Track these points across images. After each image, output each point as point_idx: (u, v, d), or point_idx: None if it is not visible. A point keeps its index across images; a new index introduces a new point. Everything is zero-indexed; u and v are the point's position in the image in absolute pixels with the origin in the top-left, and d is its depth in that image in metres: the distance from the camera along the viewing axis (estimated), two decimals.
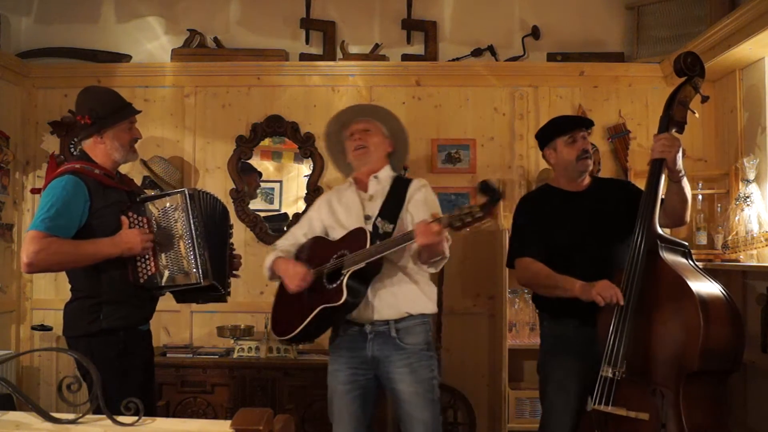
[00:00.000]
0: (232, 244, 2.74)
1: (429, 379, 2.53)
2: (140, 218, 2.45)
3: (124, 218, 2.43)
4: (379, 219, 2.54)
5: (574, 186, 2.75)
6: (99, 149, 2.51)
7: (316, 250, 2.63)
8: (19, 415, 1.64)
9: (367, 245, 2.41)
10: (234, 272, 2.73)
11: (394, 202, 2.59)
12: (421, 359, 2.52)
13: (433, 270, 2.55)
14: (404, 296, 2.53)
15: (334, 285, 2.44)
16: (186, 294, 2.61)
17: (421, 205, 2.57)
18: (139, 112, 2.64)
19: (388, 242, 2.38)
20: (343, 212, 2.67)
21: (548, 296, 2.65)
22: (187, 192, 2.47)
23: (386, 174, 2.69)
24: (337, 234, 2.63)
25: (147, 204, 2.49)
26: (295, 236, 2.75)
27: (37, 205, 4.06)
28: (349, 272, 2.40)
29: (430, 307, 2.60)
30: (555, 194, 2.77)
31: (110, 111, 2.51)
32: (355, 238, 2.49)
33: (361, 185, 2.70)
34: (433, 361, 2.57)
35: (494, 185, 2.10)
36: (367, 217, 2.59)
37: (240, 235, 3.98)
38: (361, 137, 2.67)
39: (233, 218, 3.56)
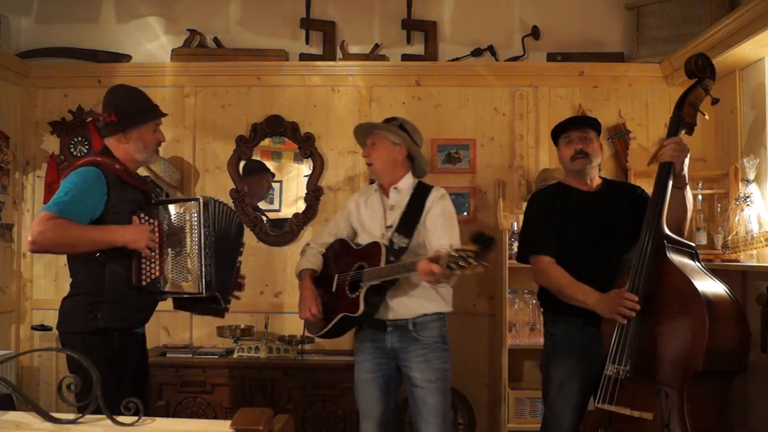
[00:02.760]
0: (240, 262, 2.74)
1: (442, 369, 2.73)
2: (151, 220, 2.45)
3: (135, 218, 2.43)
4: (395, 234, 2.73)
5: (585, 185, 2.78)
6: (122, 148, 2.51)
7: (340, 255, 2.89)
8: (19, 415, 1.65)
9: (382, 262, 2.62)
10: (236, 293, 2.72)
11: (411, 215, 2.76)
12: (436, 350, 2.73)
13: (441, 288, 2.71)
14: (420, 298, 2.73)
15: (354, 296, 2.69)
16: (185, 302, 2.61)
17: (437, 219, 2.73)
18: (165, 114, 2.64)
19: (394, 269, 2.58)
20: (368, 217, 2.88)
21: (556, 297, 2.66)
22: (201, 200, 2.46)
23: (406, 183, 2.85)
24: (362, 238, 2.87)
25: (160, 207, 2.49)
26: (328, 236, 2.99)
27: (37, 205, 4.09)
28: (366, 287, 2.64)
29: (444, 306, 2.79)
30: (567, 192, 2.80)
31: (136, 110, 2.51)
32: (371, 252, 2.71)
33: (385, 192, 2.89)
34: (446, 353, 2.77)
35: (488, 236, 2.23)
36: (388, 226, 2.80)
37: None
38: (367, 153, 2.88)
39: None
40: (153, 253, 2.42)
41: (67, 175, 2.41)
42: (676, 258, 2.36)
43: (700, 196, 3.65)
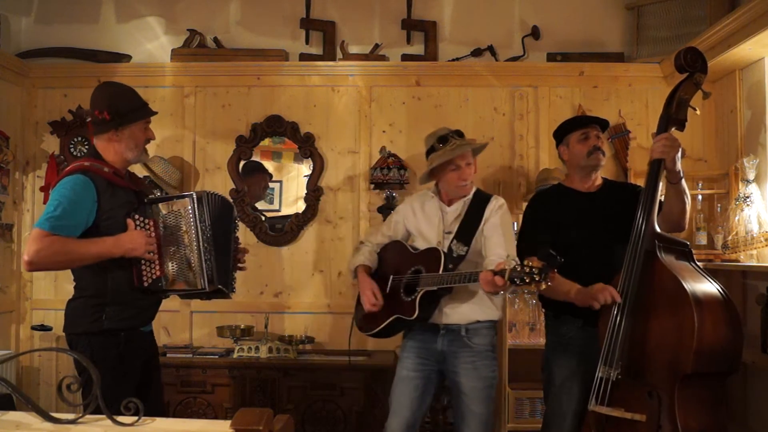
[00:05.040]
0: (238, 238, 2.72)
1: (490, 378, 2.75)
2: (147, 220, 2.43)
3: (129, 221, 2.40)
4: (455, 242, 2.74)
5: (587, 186, 2.78)
6: (112, 147, 2.47)
7: (396, 257, 2.91)
8: (19, 415, 1.65)
9: (440, 269, 2.65)
10: (240, 265, 2.71)
11: (470, 223, 2.77)
12: (485, 359, 2.75)
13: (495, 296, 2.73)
14: (474, 305, 2.74)
15: (409, 299, 2.71)
16: (190, 294, 2.59)
17: (495, 229, 2.74)
18: (156, 113, 2.62)
19: (454, 277, 2.59)
20: (425, 223, 2.88)
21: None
22: (195, 196, 2.45)
23: (471, 193, 2.87)
24: (418, 242, 2.88)
25: (154, 206, 2.47)
26: (382, 236, 3.02)
27: (37, 205, 4.09)
28: (423, 291, 2.66)
29: (496, 314, 2.81)
30: (567, 193, 2.79)
31: (130, 108, 2.48)
32: (430, 257, 2.73)
33: (445, 199, 2.88)
34: (495, 362, 2.79)
35: (555, 254, 2.25)
36: (447, 232, 2.80)
37: (240, 235, 3.97)
38: (469, 174, 2.83)
39: None
40: (152, 255, 2.41)
41: (55, 185, 2.36)
42: (667, 258, 2.34)
43: (700, 196, 3.64)
